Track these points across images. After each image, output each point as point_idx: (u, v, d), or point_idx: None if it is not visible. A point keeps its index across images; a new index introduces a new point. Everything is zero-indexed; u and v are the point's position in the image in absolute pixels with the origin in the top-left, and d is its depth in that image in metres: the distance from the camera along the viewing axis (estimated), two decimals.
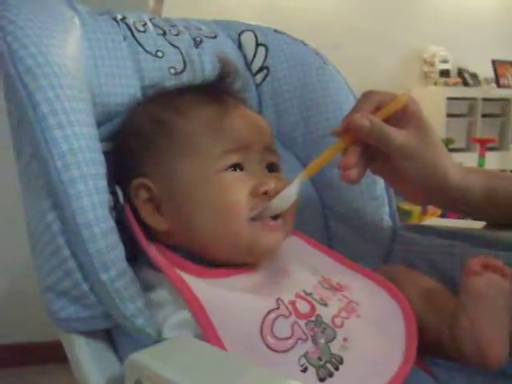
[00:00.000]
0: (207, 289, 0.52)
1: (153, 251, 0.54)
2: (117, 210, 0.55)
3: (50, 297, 0.50)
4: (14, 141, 0.53)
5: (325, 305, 0.55)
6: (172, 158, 0.57)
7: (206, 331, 0.48)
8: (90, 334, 0.51)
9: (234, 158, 0.57)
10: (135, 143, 0.59)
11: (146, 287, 0.53)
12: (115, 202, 0.56)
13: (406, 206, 2.71)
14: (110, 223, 0.50)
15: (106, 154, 0.55)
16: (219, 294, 0.52)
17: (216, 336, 0.48)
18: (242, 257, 0.57)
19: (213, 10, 2.47)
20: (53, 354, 1.50)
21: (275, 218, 0.57)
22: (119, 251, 0.50)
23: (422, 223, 0.79)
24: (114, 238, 0.50)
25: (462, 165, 0.64)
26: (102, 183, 0.51)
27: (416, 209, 2.76)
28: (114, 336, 0.53)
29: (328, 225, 0.79)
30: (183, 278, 0.51)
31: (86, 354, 0.50)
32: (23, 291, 1.59)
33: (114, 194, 0.57)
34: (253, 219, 0.56)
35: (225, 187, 0.55)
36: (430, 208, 2.71)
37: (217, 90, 0.62)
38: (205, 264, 0.56)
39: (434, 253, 0.71)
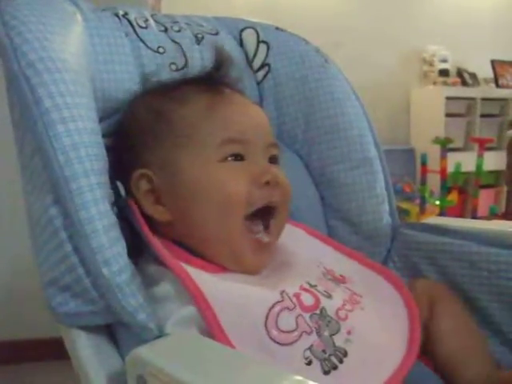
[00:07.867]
0: (212, 283, 0.52)
1: (157, 243, 0.54)
2: (118, 205, 0.55)
3: (51, 291, 0.50)
4: (16, 136, 0.53)
5: (329, 297, 0.56)
6: (171, 147, 0.57)
7: (211, 326, 0.48)
8: (91, 329, 0.51)
9: (234, 148, 0.57)
10: (134, 135, 0.60)
11: (150, 282, 0.53)
12: (116, 197, 0.57)
13: (404, 205, 2.72)
14: (112, 218, 0.50)
15: (107, 149, 0.55)
16: (224, 288, 0.52)
17: (221, 330, 0.48)
18: (231, 262, 0.56)
19: (213, 7, 2.47)
20: (48, 351, 1.51)
21: (267, 227, 0.58)
22: (121, 246, 0.50)
23: (422, 221, 0.79)
24: (116, 233, 0.50)
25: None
26: (104, 178, 0.51)
27: (414, 208, 2.77)
28: (115, 331, 0.52)
29: (328, 223, 0.79)
30: (188, 271, 0.51)
31: (87, 350, 0.50)
32: (19, 289, 1.60)
33: (114, 189, 0.57)
34: (248, 231, 0.56)
35: (225, 177, 0.55)
36: (428, 207, 2.71)
37: (213, 81, 0.62)
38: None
39: (434, 250, 0.71)
